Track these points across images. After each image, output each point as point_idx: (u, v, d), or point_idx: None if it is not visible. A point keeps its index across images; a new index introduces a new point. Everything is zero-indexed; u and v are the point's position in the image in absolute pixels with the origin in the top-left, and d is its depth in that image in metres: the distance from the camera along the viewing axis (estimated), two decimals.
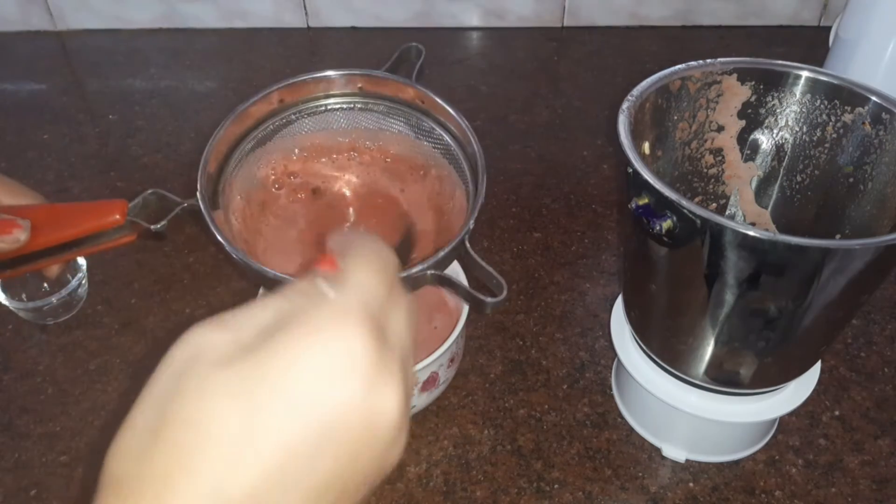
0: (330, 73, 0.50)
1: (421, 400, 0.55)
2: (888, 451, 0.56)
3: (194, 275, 0.70)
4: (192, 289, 0.69)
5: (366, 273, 0.25)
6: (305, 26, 1.07)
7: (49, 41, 1.05)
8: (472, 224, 0.44)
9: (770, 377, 0.49)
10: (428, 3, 1.05)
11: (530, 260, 0.71)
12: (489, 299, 0.41)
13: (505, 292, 0.41)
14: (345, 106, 0.52)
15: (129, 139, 0.87)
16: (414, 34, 1.06)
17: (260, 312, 0.24)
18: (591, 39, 1.05)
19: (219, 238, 0.43)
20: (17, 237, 0.40)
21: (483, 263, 0.43)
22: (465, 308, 0.55)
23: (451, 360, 0.56)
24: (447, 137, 0.50)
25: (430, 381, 0.54)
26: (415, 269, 0.42)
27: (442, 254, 0.43)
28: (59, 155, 0.85)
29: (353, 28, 1.07)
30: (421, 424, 0.57)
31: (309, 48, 1.05)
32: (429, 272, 0.42)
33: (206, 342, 0.23)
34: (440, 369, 0.54)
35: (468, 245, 0.44)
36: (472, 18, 1.06)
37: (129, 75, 0.99)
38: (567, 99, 0.94)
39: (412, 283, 0.43)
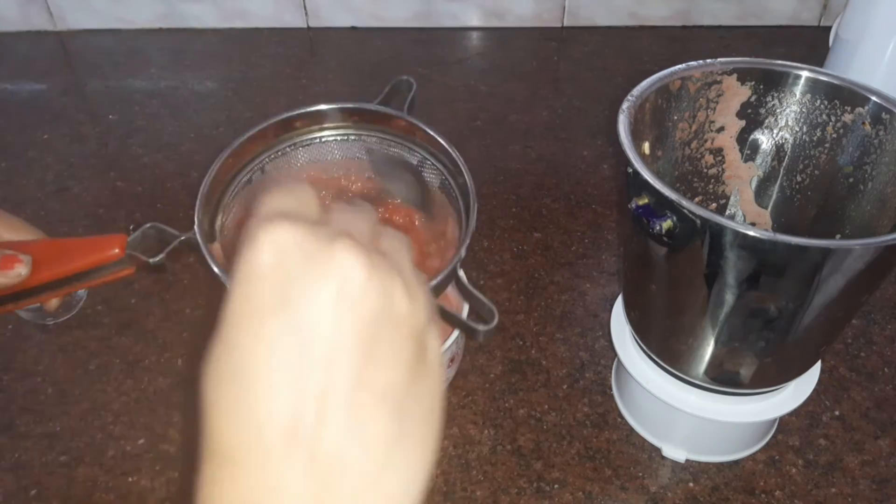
0: (323, 106, 0.51)
1: None
2: (888, 451, 0.56)
3: (194, 275, 0.70)
4: (192, 289, 0.69)
5: (266, 197, 0.25)
6: (305, 26, 1.07)
7: (49, 41, 1.05)
8: (463, 253, 0.44)
9: (770, 377, 0.49)
10: (428, 3, 1.05)
11: (530, 260, 0.71)
12: (481, 327, 0.42)
13: (496, 320, 0.42)
14: (339, 137, 0.52)
15: (129, 139, 0.87)
16: (414, 34, 1.06)
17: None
18: (591, 39, 1.05)
19: (216, 271, 0.44)
20: (19, 272, 0.41)
21: (474, 291, 0.44)
22: (466, 307, 0.55)
23: (451, 360, 0.56)
24: (439, 167, 0.51)
25: None
26: None
27: (434, 282, 0.43)
28: (59, 155, 0.85)
29: (353, 28, 1.07)
30: None
31: (309, 48, 1.05)
32: None
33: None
34: None
35: (460, 273, 0.44)
36: (472, 18, 1.07)
37: (129, 75, 0.99)
38: (567, 99, 0.94)
39: None
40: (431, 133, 0.50)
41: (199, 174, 0.87)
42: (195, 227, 0.46)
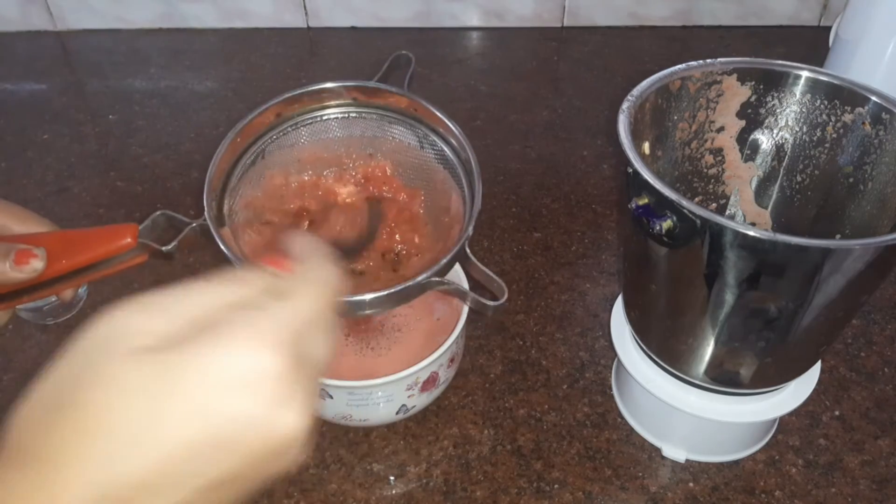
0: (325, 84, 0.51)
1: (421, 400, 0.55)
2: (888, 451, 0.56)
3: (194, 275, 0.70)
4: None
5: (306, 295, 0.26)
6: (305, 26, 1.07)
7: (49, 41, 1.05)
8: (470, 230, 0.44)
9: (770, 377, 0.49)
10: (428, 3, 1.05)
11: (530, 260, 0.71)
12: (491, 303, 0.42)
13: (506, 295, 0.42)
14: (340, 115, 0.52)
15: (129, 139, 0.87)
16: (414, 34, 1.06)
17: (189, 302, 0.25)
18: (591, 39, 1.05)
19: (229, 256, 0.44)
20: (35, 266, 0.41)
21: (483, 268, 0.43)
22: (466, 307, 0.55)
23: (451, 360, 0.56)
24: (441, 143, 0.51)
25: (430, 381, 0.54)
26: (418, 278, 0.42)
27: (443, 261, 0.43)
28: (59, 155, 0.85)
29: (353, 28, 1.07)
30: (421, 424, 0.57)
31: (309, 48, 1.05)
32: (431, 279, 0.43)
33: (128, 325, 0.24)
34: (440, 369, 0.54)
35: (468, 251, 0.44)
36: (472, 18, 1.07)
37: (129, 75, 0.99)
38: (567, 99, 0.94)
39: (416, 291, 0.43)
40: (432, 109, 0.50)
41: (199, 174, 0.87)
42: (205, 212, 0.46)
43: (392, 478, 0.54)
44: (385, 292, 0.42)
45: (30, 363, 0.62)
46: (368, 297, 0.42)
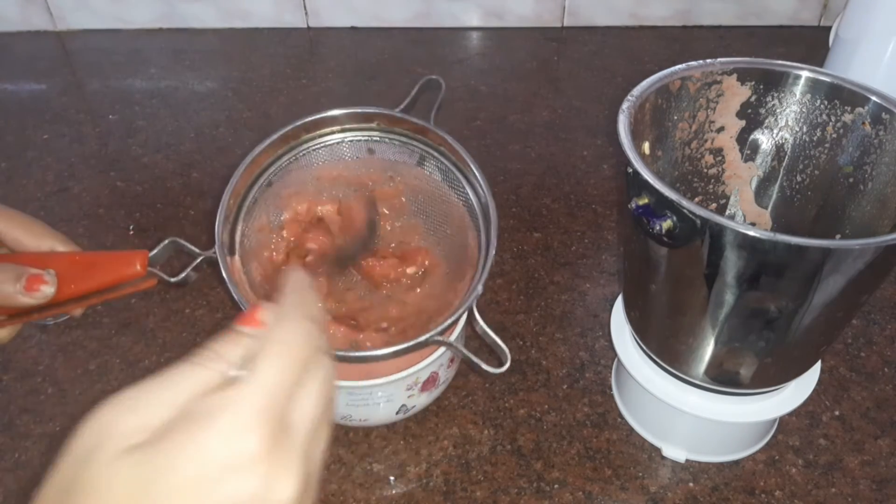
0: (347, 110, 0.51)
1: (421, 400, 0.55)
2: (888, 451, 0.56)
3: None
4: (193, 289, 0.69)
5: (276, 361, 0.25)
6: (305, 26, 1.07)
7: (49, 41, 1.05)
8: (480, 289, 0.44)
9: (770, 377, 0.49)
10: (428, 3, 1.05)
11: (530, 260, 0.71)
12: (493, 370, 0.41)
13: (508, 363, 0.41)
14: (363, 139, 0.52)
15: (129, 139, 0.87)
16: (414, 34, 1.06)
17: (168, 391, 0.24)
18: (591, 39, 1.05)
19: (234, 296, 0.45)
20: (45, 293, 0.42)
21: (489, 331, 0.43)
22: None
23: (451, 360, 0.56)
24: (462, 180, 0.51)
25: (430, 381, 0.54)
26: (423, 337, 0.42)
27: (449, 321, 0.43)
28: (59, 155, 0.85)
29: (353, 28, 1.07)
30: (421, 424, 0.57)
31: (309, 48, 1.05)
32: (434, 338, 0.42)
33: (111, 427, 0.24)
34: (440, 369, 0.54)
35: (476, 313, 0.44)
36: (472, 18, 1.07)
37: (129, 75, 0.99)
38: (567, 99, 0.94)
39: (417, 349, 0.43)
40: (458, 147, 0.50)
41: (199, 174, 0.87)
42: (216, 246, 0.46)
43: (392, 478, 0.54)
44: (380, 352, 0.42)
45: (30, 363, 0.62)
46: (361, 355, 0.42)
